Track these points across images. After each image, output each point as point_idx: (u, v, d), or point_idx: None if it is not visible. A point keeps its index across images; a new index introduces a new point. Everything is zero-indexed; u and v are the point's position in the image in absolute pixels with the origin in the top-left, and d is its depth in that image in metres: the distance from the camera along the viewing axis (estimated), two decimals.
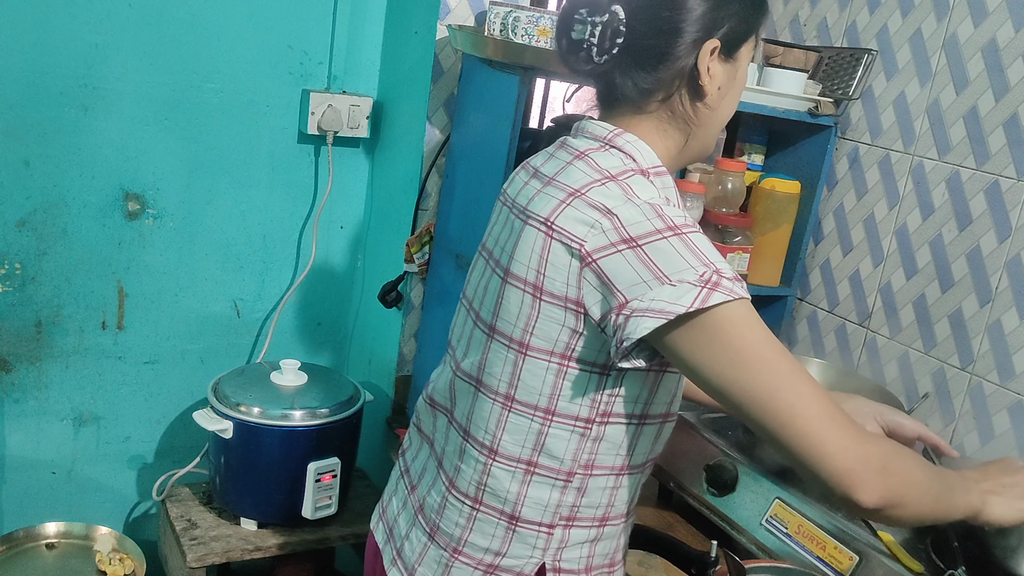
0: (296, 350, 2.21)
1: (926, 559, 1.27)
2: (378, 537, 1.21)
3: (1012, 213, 1.56)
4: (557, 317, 0.97)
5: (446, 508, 1.08)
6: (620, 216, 0.94)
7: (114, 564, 1.87)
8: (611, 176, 0.99)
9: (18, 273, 1.88)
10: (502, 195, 1.14)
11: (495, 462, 1.04)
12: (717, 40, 1.01)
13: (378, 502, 1.28)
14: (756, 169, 2.00)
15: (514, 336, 1.01)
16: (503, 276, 1.03)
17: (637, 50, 1.02)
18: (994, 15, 1.60)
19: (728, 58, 1.04)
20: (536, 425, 1.02)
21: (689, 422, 1.64)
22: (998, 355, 1.58)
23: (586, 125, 1.08)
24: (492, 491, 1.05)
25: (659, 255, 0.91)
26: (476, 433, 1.06)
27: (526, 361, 1.00)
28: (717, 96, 1.05)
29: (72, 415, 2.02)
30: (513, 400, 1.02)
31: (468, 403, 1.08)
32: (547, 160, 1.09)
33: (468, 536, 1.06)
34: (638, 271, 0.91)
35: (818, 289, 1.94)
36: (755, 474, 1.46)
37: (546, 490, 1.03)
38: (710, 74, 1.02)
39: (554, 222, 0.97)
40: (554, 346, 0.99)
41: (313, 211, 2.13)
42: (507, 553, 1.05)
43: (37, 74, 1.79)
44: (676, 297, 0.89)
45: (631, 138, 1.04)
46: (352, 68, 2.08)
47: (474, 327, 1.09)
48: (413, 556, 1.11)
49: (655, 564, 1.46)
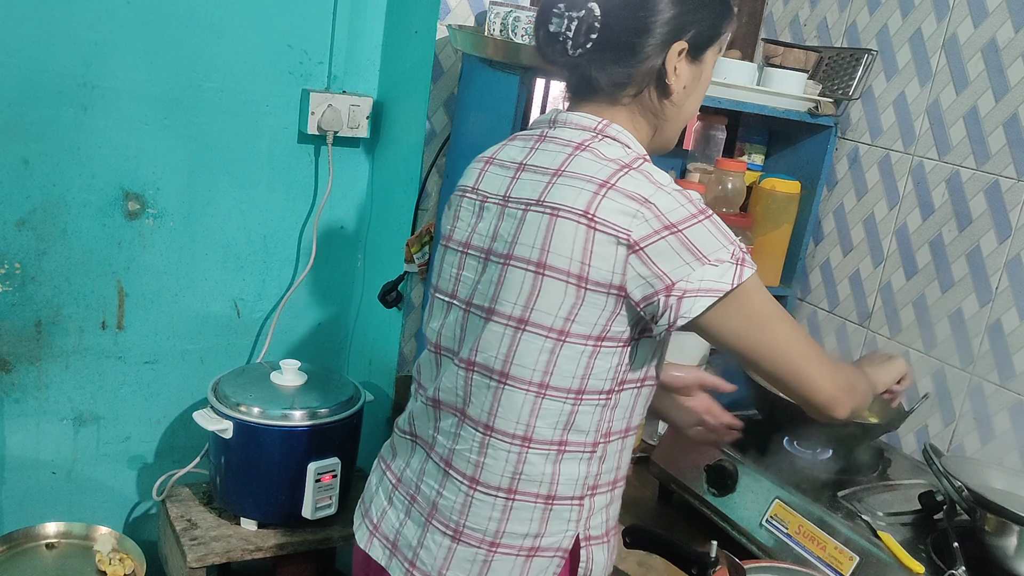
0: (296, 350, 2.21)
1: (926, 559, 1.27)
2: (377, 554, 1.19)
3: (1012, 213, 1.57)
4: (599, 303, 1.03)
5: (472, 506, 1.09)
6: (658, 205, 1.01)
7: (114, 564, 1.87)
8: (627, 165, 1.05)
9: (18, 273, 1.88)
10: (466, 190, 1.17)
11: (530, 449, 1.07)
12: (685, 42, 1.08)
13: (361, 520, 1.25)
14: (756, 169, 2.00)
15: (554, 326, 1.04)
16: (534, 269, 1.04)
17: (610, 46, 1.08)
18: (994, 15, 1.60)
19: (694, 60, 1.11)
20: (568, 407, 1.06)
21: None
22: (998, 355, 1.58)
23: (569, 116, 1.12)
24: (528, 477, 1.08)
25: (697, 238, 1.01)
26: (504, 426, 1.07)
27: (564, 348, 1.04)
28: (682, 94, 1.12)
29: (72, 415, 2.01)
30: (548, 387, 1.06)
31: (488, 398, 1.08)
32: (531, 152, 1.11)
33: (505, 527, 1.08)
34: (680, 255, 1.00)
35: (818, 289, 1.94)
36: (755, 474, 1.46)
37: (575, 464, 1.09)
38: (676, 73, 1.10)
39: (595, 214, 1.01)
40: (591, 330, 1.04)
41: (313, 211, 2.13)
42: (545, 533, 1.09)
43: (36, 73, 1.79)
44: (719, 276, 1.00)
45: (619, 128, 1.10)
46: (352, 68, 2.08)
47: (485, 322, 1.09)
48: (436, 562, 1.10)
49: (655, 564, 1.46)
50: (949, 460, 1.35)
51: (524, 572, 1.09)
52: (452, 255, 1.16)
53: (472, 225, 1.14)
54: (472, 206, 1.15)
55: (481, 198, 1.14)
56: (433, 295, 1.20)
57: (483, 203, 1.13)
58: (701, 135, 1.94)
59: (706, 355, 2.00)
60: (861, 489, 1.47)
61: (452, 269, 1.16)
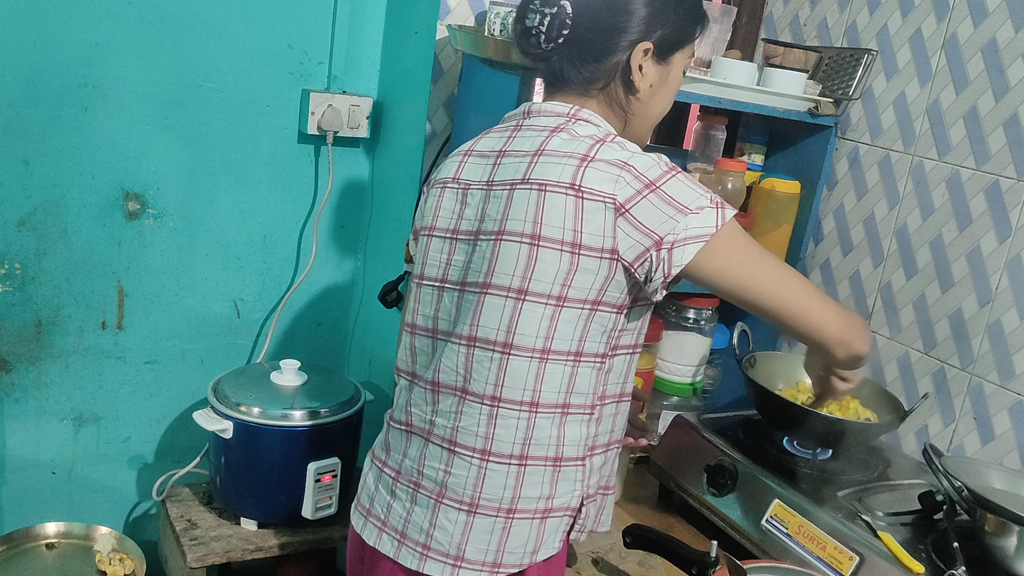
0: (296, 350, 2.21)
1: (926, 559, 1.27)
2: (387, 547, 1.19)
3: (1012, 213, 1.57)
4: (592, 268, 1.08)
5: (486, 477, 1.12)
6: (636, 165, 1.08)
7: (114, 564, 1.87)
8: (601, 139, 1.11)
9: (18, 273, 1.88)
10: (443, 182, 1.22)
11: (538, 414, 1.11)
12: (650, 43, 1.15)
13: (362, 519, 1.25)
14: (756, 169, 2.00)
15: (552, 292, 1.09)
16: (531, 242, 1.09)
17: (580, 42, 1.15)
18: (994, 15, 1.60)
19: (661, 60, 1.18)
20: (568, 368, 1.11)
21: (689, 422, 1.64)
22: (998, 355, 1.58)
23: (543, 106, 1.19)
24: (537, 442, 1.12)
25: (676, 191, 1.06)
26: (512, 395, 1.11)
27: (562, 312, 1.09)
28: (648, 92, 1.19)
29: (72, 415, 2.01)
30: (550, 352, 1.10)
31: (492, 370, 1.11)
32: (509, 140, 1.17)
33: (520, 493, 1.12)
34: (663, 210, 1.06)
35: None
36: (755, 474, 1.46)
37: (577, 426, 1.14)
38: (642, 72, 1.16)
39: (581, 185, 1.07)
40: (587, 294, 1.09)
41: (313, 211, 2.13)
42: (556, 494, 1.14)
43: (36, 73, 1.79)
44: (703, 222, 1.06)
45: (590, 113, 1.17)
46: (352, 68, 2.08)
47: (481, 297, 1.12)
48: (453, 540, 1.13)
49: (655, 564, 1.46)
50: (949, 460, 1.35)
51: (540, 533, 1.14)
52: (439, 242, 1.21)
53: (458, 212, 1.19)
54: (454, 195, 1.20)
55: (463, 186, 1.19)
56: (419, 285, 1.23)
57: (466, 191, 1.19)
58: (701, 135, 1.94)
59: (706, 355, 2.00)
60: (861, 489, 1.47)
61: (440, 255, 1.20)
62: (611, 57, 1.15)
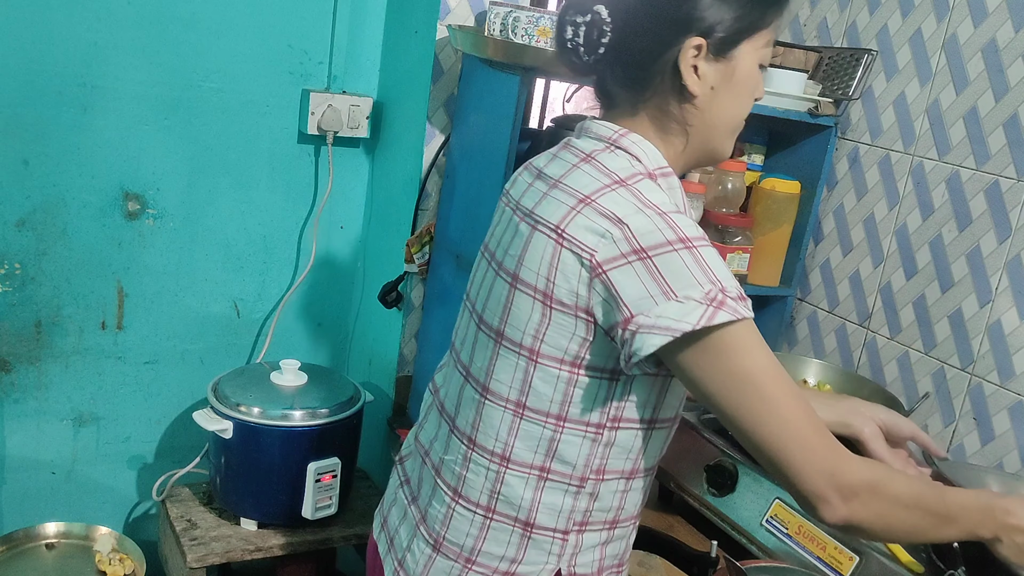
0: (296, 350, 2.21)
1: (926, 559, 1.27)
2: (381, 548, 1.19)
3: (1012, 213, 1.56)
4: (568, 325, 0.96)
5: (453, 519, 1.06)
6: (631, 226, 0.92)
7: (114, 564, 1.87)
8: (620, 181, 0.97)
9: (18, 273, 1.88)
10: (504, 196, 1.13)
11: (508, 469, 1.02)
12: (700, 38, 0.98)
13: (379, 508, 1.25)
14: (756, 169, 2.00)
15: (524, 343, 0.99)
16: (510, 281, 1.01)
17: (621, 49, 1.01)
18: (994, 15, 1.60)
19: (720, 56, 0.99)
20: (548, 432, 1.00)
21: (689, 422, 1.64)
22: (998, 355, 1.58)
23: (590, 125, 1.06)
24: (506, 498, 1.03)
25: (668, 268, 0.90)
26: (485, 442, 1.04)
27: (537, 368, 0.99)
28: (708, 97, 1.01)
29: (72, 415, 2.01)
30: (525, 407, 1.01)
31: (473, 411, 1.06)
32: (551, 161, 1.07)
33: (481, 545, 1.04)
34: (646, 285, 0.90)
35: (818, 289, 1.94)
36: (755, 474, 1.46)
37: (559, 496, 1.02)
38: (698, 74, 0.99)
39: (564, 230, 0.95)
40: (564, 354, 0.98)
41: (313, 211, 2.13)
42: (523, 560, 1.04)
43: (36, 73, 1.79)
44: (682, 314, 0.89)
45: (636, 138, 1.02)
46: (352, 68, 2.08)
47: (477, 330, 1.08)
48: (417, 568, 1.08)
49: (655, 564, 1.46)
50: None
51: None
52: (479, 258, 1.13)
53: (494, 230, 1.11)
54: (501, 209, 1.12)
55: (507, 202, 1.10)
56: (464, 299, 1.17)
57: (505, 207, 1.10)
58: None
59: None
60: None
61: (475, 272, 1.13)
62: (655, 59, 0.99)
